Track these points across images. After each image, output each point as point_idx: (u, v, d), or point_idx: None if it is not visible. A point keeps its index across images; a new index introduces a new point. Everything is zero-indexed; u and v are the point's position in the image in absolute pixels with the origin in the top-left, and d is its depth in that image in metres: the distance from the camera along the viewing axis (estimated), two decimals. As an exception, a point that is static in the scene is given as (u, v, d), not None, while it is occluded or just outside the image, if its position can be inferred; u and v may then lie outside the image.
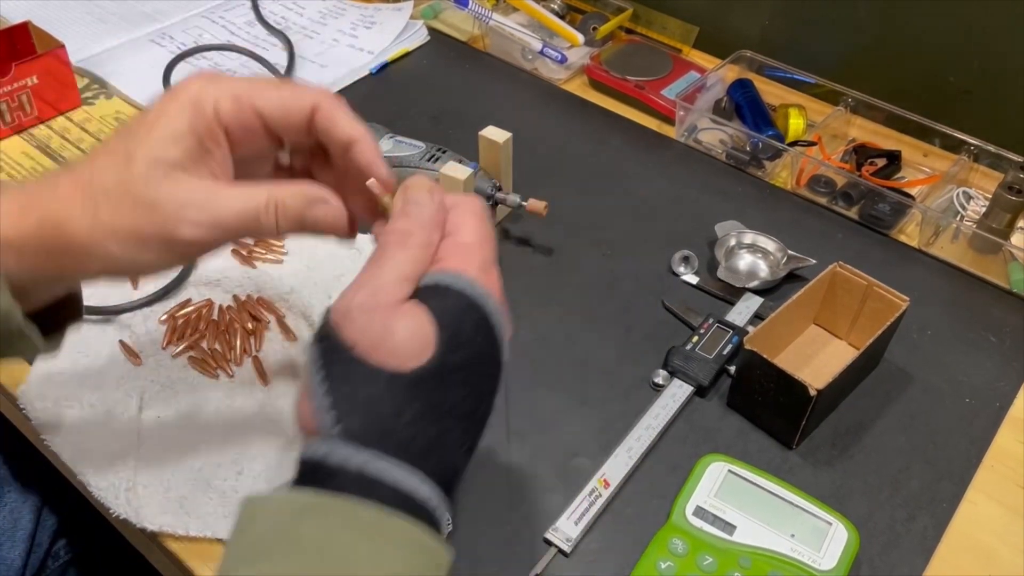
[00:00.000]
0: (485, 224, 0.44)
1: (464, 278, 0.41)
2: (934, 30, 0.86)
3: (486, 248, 0.44)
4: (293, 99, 0.45)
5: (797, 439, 0.61)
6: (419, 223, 0.43)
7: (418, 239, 0.42)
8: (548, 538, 0.55)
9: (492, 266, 0.44)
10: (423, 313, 0.40)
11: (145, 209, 0.42)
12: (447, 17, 1.04)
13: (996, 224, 0.75)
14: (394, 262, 0.41)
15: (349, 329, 0.39)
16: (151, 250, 0.42)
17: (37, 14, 0.90)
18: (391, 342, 0.39)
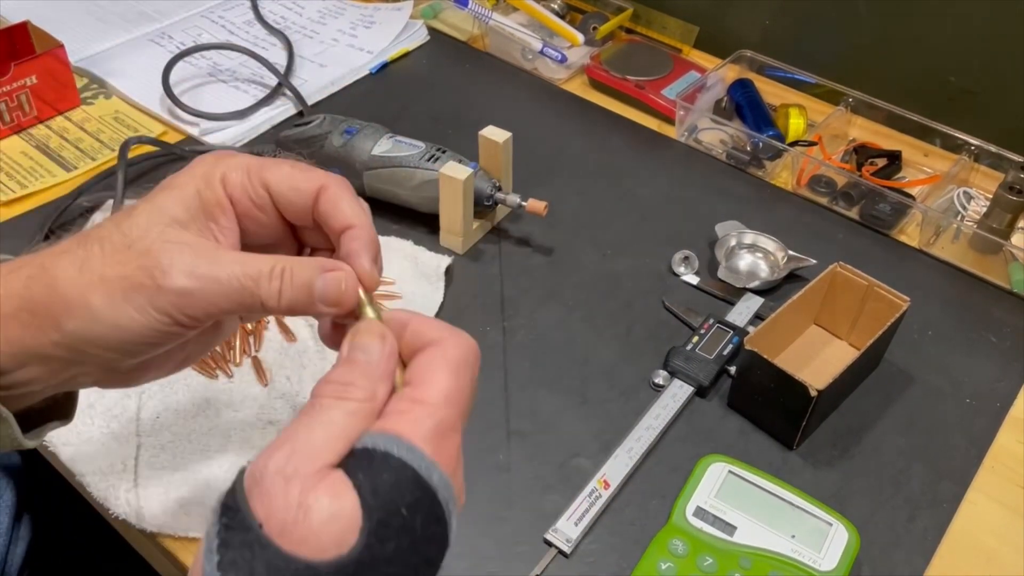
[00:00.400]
0: (458, 376, 0.37)
1: (406, 444, 0.35)
2: (934, 30, 0.86)
3: (450, 407, 0.37)
4: (302, 177, 0.43)
5: (797, 440, 0.61)
6: (362, 373, 0.37)
7: (358, 393, 0.36)
8: (548, 539, 0.55)
9: (452, 430, 0.37)
10: (348, 490, 0.33)
11: (137, 254, 0.39)
12: (447, 17, 1.04)
13: (997, 224, 0.75)
14: (324, 419, 0.35)
15: (259, 500, 0.32)
16: (135, 303, 0.38)
17: (37, 14, 0.90)
18: (306, 524, 0.32)
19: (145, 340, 0.40)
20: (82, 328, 0.39)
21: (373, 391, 0.37)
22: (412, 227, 0.76)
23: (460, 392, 0.37)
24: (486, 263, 0.74)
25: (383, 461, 0.34)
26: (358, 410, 0.36)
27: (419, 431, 0.35)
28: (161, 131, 0.85)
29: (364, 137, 0.75)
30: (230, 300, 0.39)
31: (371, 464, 0.34)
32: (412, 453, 0.35)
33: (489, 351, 0.67)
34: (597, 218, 0.79)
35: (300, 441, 0.34)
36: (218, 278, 0.39)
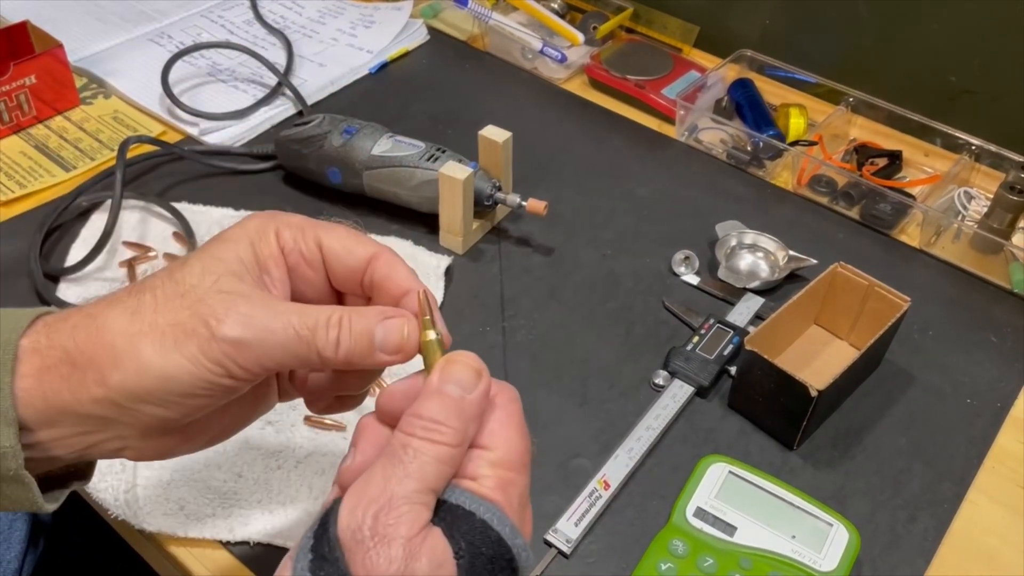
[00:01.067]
0: (527, 442, 0.37)
1: (502, 517, 0.35)
2: (934, 30, 0.86)
3: (526, 476, 0.37)
4: (356, 241, 0.43)
5: (798, 440, 0.61)
6: (455, 412, 0.35)
7: (449, 436, 0.35)
8: (548, 539, 0.55)
9: (528, 502, 0.37)
10: (448, 557, 0.33)
11: (191, 302, 0.38)
12: (447, 16, 1.04)
13: (997, 224, 0.75)
14: (418, 464, 0.34)
15: (360, 561, 0.32)
16: (187, 351, 0.37)
17: (36, 13, 0.90)
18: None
19: (193, 392, 0.38)
20: (128, 380, 0.37)
21: (464, 434, 0.35)
22: (412, 227, 0.76)
23: (528, 454, 0.37)
24: (486, 263, 0.74)
25: (483, 533, 0.34)
26: (448, 457, 0.35)
27: (511, 504, 0.35)
28: (160, 131, 0.85)
29: (364, 137, 0.74)
30: (285, 351, 0.38)
31: (472, 531, 0.34)
32: (507, 529, 0.35)
33: (489, 351, 0.67)
34: (597, 218, 0.79)
35: (392, 491, 0.34)
36: (273, 328, 0.38)
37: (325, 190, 0.78)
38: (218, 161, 0.81)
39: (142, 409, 0.38)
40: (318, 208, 0.77)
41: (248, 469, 0.57)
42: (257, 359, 0.38)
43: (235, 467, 0.57)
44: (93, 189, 0.76)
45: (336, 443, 0.59)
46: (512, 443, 0.36)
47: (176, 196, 0.77)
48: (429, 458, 0.34)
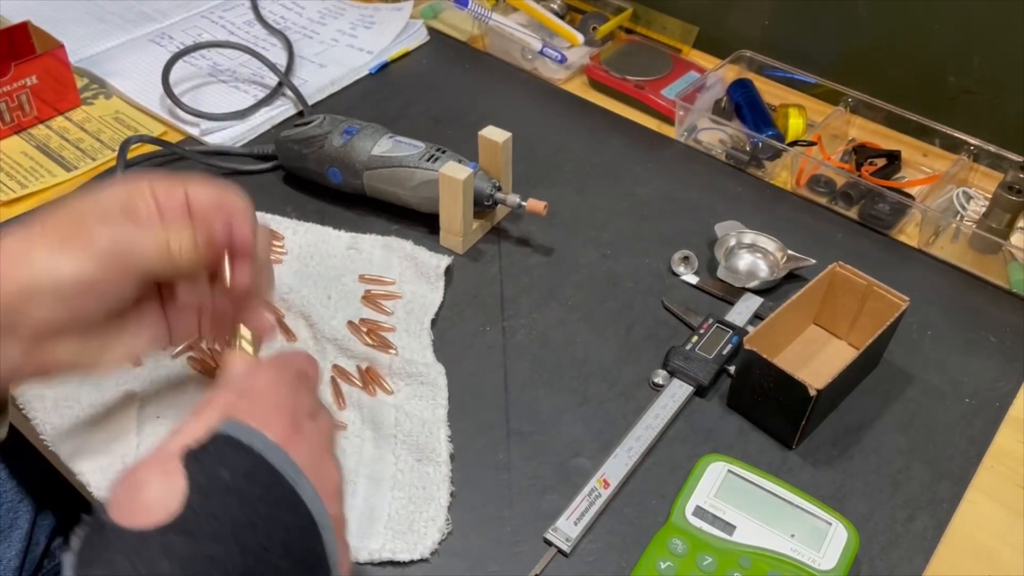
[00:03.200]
0: (280, 370, 0.45)
1: (229, 421, 0.40)
2: (934, 30, 0.86)
3: (273, 392, 0.43)
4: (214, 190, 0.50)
5: (797, 439, 0.61)
6: (214, 391, 0.43)
7: (216, 404, 0.42)
8: (548, 538, 0.55)
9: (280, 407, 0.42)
10: (175, 464, 0.38)
11: (71, 220, 0.46)
12: (447, 17, 1.04)
13: (996, 224, 0.75)
14: (179, 430, 0.41)
15: (110, 495, 0.38)
16: (71, 253, 0.45)
17: (37, 14, 0.90)
18: (138, 499, 0.37)
19: (77, 289, 0.45)
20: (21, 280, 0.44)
21: (220, 397, 0.42)
22: (412, 227, 0.76)
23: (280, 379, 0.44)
24: (486, 263, 0.74)
25: (210, 441, 0.39)
26: (201, 412, 0.41)
27: (245, 414, 0.41)
28: (161, 131, 0.85)
29: (364, 137, 0.75)
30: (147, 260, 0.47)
31: (204, 443, 0.39)
32: (235, 427, 0.40)
33: (489, 351, 0.67)
34: (597, 218, 0.79)
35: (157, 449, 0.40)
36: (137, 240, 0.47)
37: (325, 190, 0.78)
38: (219, 161, 0.81)
39: (31, 312, 0.45)
40: (319, 209, 0.77)
41: (249, 468, 0.57)
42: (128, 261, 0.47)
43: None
44: (94, 189, 0.76)
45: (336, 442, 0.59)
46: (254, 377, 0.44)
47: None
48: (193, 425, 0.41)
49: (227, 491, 0.38)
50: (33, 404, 0.59)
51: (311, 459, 0.41)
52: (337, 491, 0.43)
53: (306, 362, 0.47)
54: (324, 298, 0.68)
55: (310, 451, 0.42)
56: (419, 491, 0.56)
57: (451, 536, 0.55)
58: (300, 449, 0.41)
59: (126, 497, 0.38)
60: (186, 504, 0.37)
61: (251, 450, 0.39)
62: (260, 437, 0.40)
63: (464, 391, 0.63)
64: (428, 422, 0.60)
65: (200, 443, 0.39)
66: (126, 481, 0.38)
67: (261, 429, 0.40)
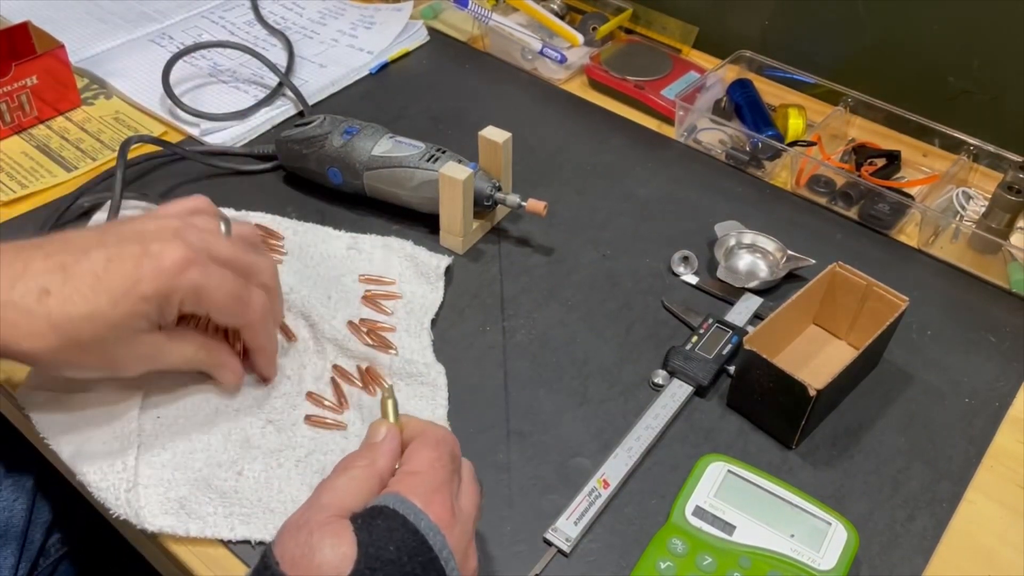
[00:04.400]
0: (438, 449, 0.47)
1: (399, 498, 0.43)
2: (934, 30, 0.86)
3: (435, 473, 0.46)
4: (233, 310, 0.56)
5: (797, 439, 0.61)
6: (367, 451, 0.47)
7: (362, 462, 0.46)
8: (548, 538, 0.55)
9: (440, 490, 0.45)
10: (348, 533, 0.41)
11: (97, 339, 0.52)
12: (447, 17, 1.04)
13: (996, 224, 0.75)
14: (333, 484, 0.45)
15: (279, 546, 0.42)
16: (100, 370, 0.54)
17: (37, 14, 0.90)
18: (312, 558, 0.40)
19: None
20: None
21: (372, 460, 0.46)
22: (412, 227, 0.76)
23: (440, 460, 0.46)
24: (486, 263, 0.74)
25: (379, 511, 0.43)
26: (358, 475, 0.45)
27: (411, 491, 0.44)
28: (162, 131, 0.85)
29: (364, 137, 0.75)
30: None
31: (371, 514, 0.43)
32: (404, 504, 0.43)
33: (489, 351, 0.67)
34: (597, 218, 0.79)
35: (312, 502, 0.44)
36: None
37: (325, 190, 0.78)
38: (219, 161, 0.81)
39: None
40: (319, 209, 0.77)
41: (249, 468, 0.57)
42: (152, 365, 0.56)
43: (236, 466, 0.57)
44: (95, 189, 0.76)
45: (337, 442, 0.59)
46: (417, 454, 0.47)
47: (177, 196, 0.77)
48: (343, 477, 0.45)
49: (392, 565, 0.41)
50: (34, 404, 0.59)
51: (461, 544, 0.45)
52: (474, 570, 0.47)
53: (455, 443, 0.49)
54: (324, 298, 0.68)
55: (461, 536, 0.45)
56: (419, 491, 0.56)
57: (451, 536, 0.55)
58: (454, 533, 0.44)
59: (300, 554, 0.41)
60: (355, 571, 0.40)
61: (416, 530, 0.42)
62: (425, 518, 0.43)
63: (464, 391, 0.63)
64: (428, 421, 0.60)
65: (369, 512, 0.43)
66: (298, 536, 0.41)
67: (425, 509, 0.43)
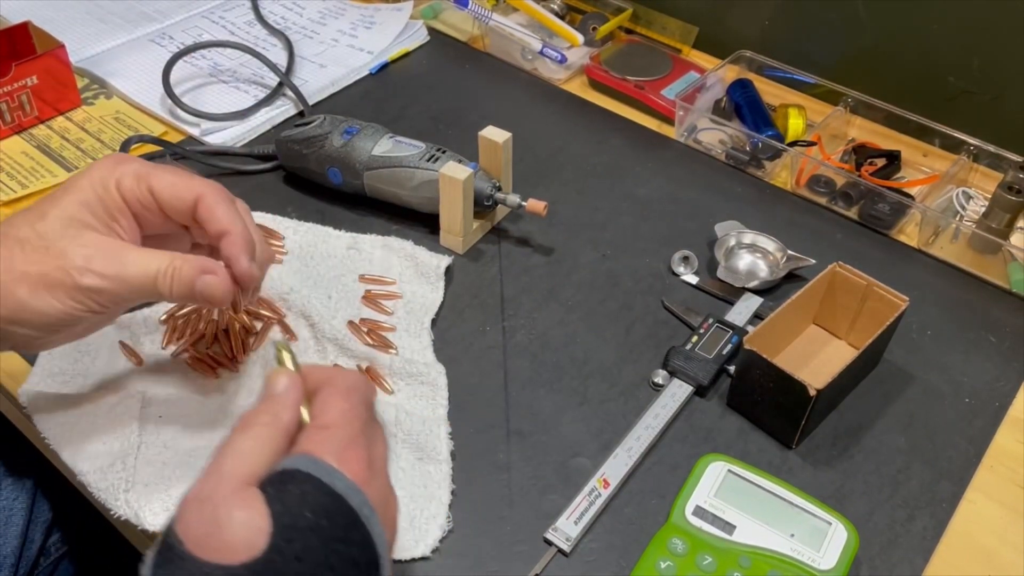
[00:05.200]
0: (351, 401, 0.43)
1: (311, 459, 0.40)
2: (934, 30, 0.86)
3: (349, 426, 0.42)
4: (182, 185, 0.50)
5: (797, 439, 0.61)
6: (268, 406, 0.42)
7: (264, 418, 0.41)
8: (548, 538, 0.55)
9: (353, 444, 0.41)
10: (258, 503, 0.38)
11: (54, 256, 0.47)
12: (447, 17, 1.04)
13: (996, 224, 0.75)
14: (235, 447, 0.40)
15: (181, 523, 0.37)
16: (56, 295, 0.47)
17: (37, 14, 0.90)
18: (220, 535, 0.37)
19: (63, 322, 0.48)
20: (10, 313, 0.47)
21: (275, 414, 0.42)
22: (412, 227, 0.76)
23: (353, 410, 0.43)
24: (486, 263, 0.74)
25: (291, 476, 0.39)
26: (262, 434, 0.41)
27: (323, 449, 0.40)
28: (162, 131, 0.85)
29: (364, 137, 0.75)
30: (134, 291, 0.48)
31: (281, 479, 0.39)
32: (316, 465, 0.39)
33: (489, 351, 0.67)
34: (597, 218, 0.79)
35: (212, 470, 0.39)
36: (124, 275, 0.47)
37: (326, 190, 0.78)
38: (219, 161, 0.81)
39: (18, 331, 0.48)
40: (319, 209, 0.77)
41: (249, 468, 0.57)
42: (112, 299, 0.48)
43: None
44: (94, 189, 0.76)
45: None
46: (328, 405, 0.42)
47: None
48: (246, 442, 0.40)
49: (311, 532, 0.38)
50: (34, 404, 0.59)
51: (381, 497, 0.41)
52: (394, 522, 0.44)
53: (368, 388, 0.45)
54: (324, 298, 0.68)
55: (380, 489, 0.42)
56: (420, 489, 0.56)
57: (451, 535, 0.55)
58: (373, 487, 0.41)
59: (206, 531, 0.37)
60: (271, 544, 0.37)
61: (332, 491, 0.39)
62: (341, 478, 0.39)
63: (464, 391, 0.64)
64: (428, 421, 0.60)
65: (279, 477, 0.39)
66: (202, 511, 0.37)
67: (339, 467, 0.40)
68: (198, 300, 0.49)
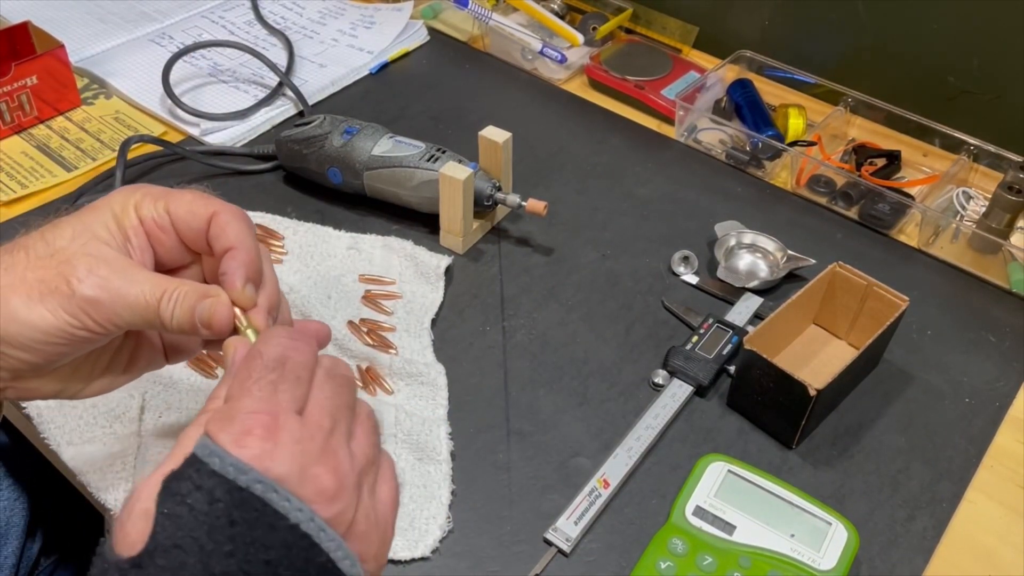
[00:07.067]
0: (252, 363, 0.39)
1: (204, 441, 0.36)
2: (934, 30, 0.86)
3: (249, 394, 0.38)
4: (199, 203, 0.47)
5: (797, 439, 0.61)
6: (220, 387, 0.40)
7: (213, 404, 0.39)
8: (548, 538, 0.55)
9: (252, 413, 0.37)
10: (156, 491, 0.36)
11: (57, 262, 0.43)
12: (447, 17, 1.04)
13: (996, 224, 0.75)
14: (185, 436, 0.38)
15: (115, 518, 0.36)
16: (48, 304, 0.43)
17: (37, 14, 0.90)
18: (125, 526, 0.35)
19: (52, 340, 0.43)
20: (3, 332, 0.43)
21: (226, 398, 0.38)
22: (412, 227, 0.76)
23: (249, 378, 0.38)
24: (486, 263, 0.74)
25: (189, 461, 0.36)
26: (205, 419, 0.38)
27: (219, 427, 0.37)
28: (162, 131, 0.85)
29: (364, 137, 0.75)
30: (134, 313, 0.44)
31: (182, 466, 0.36)
32: (203, 447, 0.36)
33: (489, 351, 0.67)
34: (597, 218, 0.79)
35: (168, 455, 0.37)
36: (126, 293, 0.43)
37: (325, 190, 0.78)
38: (219, 161, 0.81)
39: (10, 353, 0.43)
40: (319, 209, 0.77)
41: (249, 468, 0.57)
42: (109, 317, 0.43)
43: (236, 466, 0.57)
44: (95, 189, 0.76)
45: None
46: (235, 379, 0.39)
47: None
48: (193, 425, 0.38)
49: (195, 522, 0.35)
50: (34, 404, 0.59)
51: (291, 467, 0.36)
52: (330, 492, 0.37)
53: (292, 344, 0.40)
54: (324, 298, 0.68)
55: (290, 458, 0.36)
56: (420, 489, 0.56)
57: (451, 535, 0.55)
58: (275, 458, 0.36)
59: (118, 525, 0.36)
60: (150, 538, 0.35)
61: (212, 472, 0.35)
62: (221, 456, 0.36)
63: (464, 391, 0.64)
64: (428, 421, 0.60)
65: (177, 467, 0.36)
66: (123, 507, 0.36)
67: (232, 445, 0.36)
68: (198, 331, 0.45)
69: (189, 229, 0.47)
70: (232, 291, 0.45)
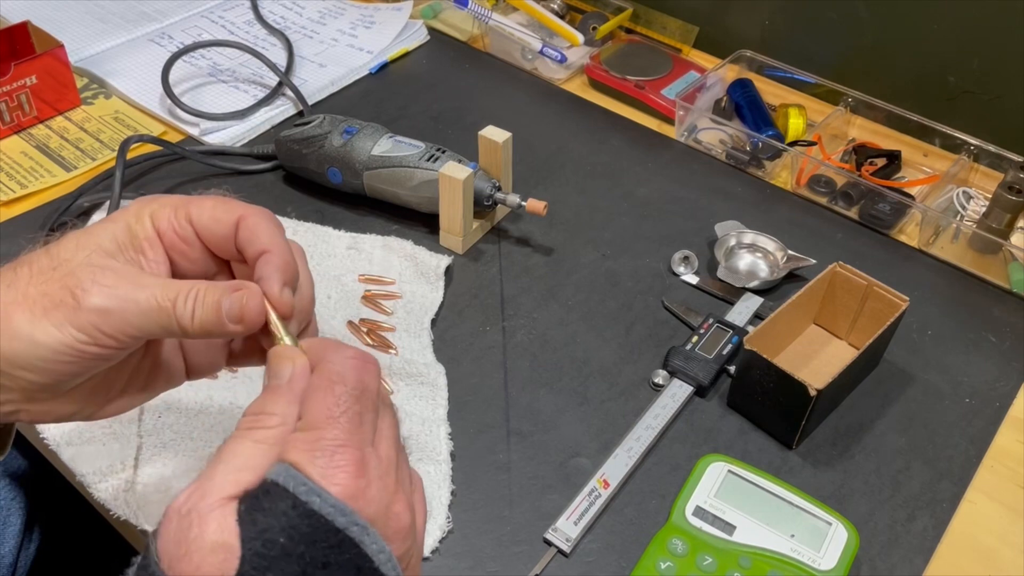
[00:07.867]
0: (335, 394, 0.37)
1: (289, 471, 0.35)
2: (934, 30, 0.86)
3: (334, 426, 0.36)
4: (223, 208, 0.44)
5: (797, 439, 0.61)
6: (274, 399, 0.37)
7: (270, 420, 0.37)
8: (548, 538, 0.55)
9: (343, 449, 0.36)
10: (231, 521, 0.34)
11: (61, 275, 0.41)
12: (447, 17, 1.04)
13: (996, 224, 0.75)
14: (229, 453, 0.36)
15: (162, 538, 0.34)
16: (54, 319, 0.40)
17: (37, 14, 0.90)
18: (189, 558, 0.33)
19: (61, 358, 0.40)
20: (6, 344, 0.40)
21: (285, 415, 0.37)
22: (412, 227, 0.76)
23: (338, 406, 0.37)
24: (486, 263, 0.74)
25: (267, 491, 0.34)
26: (267, 437, 0.36)
27: (306, 457, 0.35)
28: (161, 131, 0.85)
29: (364, 137, 0.75)
30: (148, 319, 0.41)
31: (257, 495, 0.34)
32: (295, 479, 0.34)
33: (489, 351, 0.67)
34: (597, 218, 0.79)
35: (204, 477, 0.35)
36: (136, 299, 0.40)
37: (325, 190, 0.78)
38: (219, 161, 0.81)
39: (17, 374, 0.40)
40: (319, 208, 0.77)
41: (249, 468, 0.57)
42: (120, 327, 0.40)
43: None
44: (94, 189, 0.76)
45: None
46: (311, 403, 0.37)
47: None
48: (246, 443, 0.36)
49: (285, 558, 0.33)
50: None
51: (382, 502, 0.36)
52: (406, 530, 0.38)
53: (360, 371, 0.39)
54: (324, 298, 0.68)
55: (380, 494, 0.36)
56: (419, 491, 0.56)
57: (451, 535, 0.55)
58: (368, 496, 0.36)
59: (181, 551, 0.33)
60: (239, 573, 0.33)
61: (311, 512, 0.34)
62: (321, 495, 0.34)
63: (464, 391, 0.63)
64: (428, 421, 0.60)
65: (256, 492, 0.34)
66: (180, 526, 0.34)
67: (323, 481, 0.35)
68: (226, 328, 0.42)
69: (215, 236, 0.44)
70: (270, 296, 0.43)
